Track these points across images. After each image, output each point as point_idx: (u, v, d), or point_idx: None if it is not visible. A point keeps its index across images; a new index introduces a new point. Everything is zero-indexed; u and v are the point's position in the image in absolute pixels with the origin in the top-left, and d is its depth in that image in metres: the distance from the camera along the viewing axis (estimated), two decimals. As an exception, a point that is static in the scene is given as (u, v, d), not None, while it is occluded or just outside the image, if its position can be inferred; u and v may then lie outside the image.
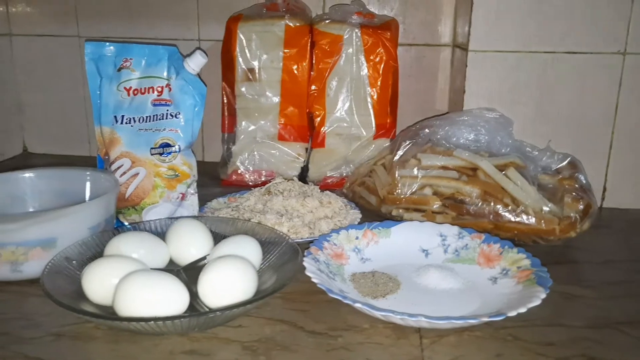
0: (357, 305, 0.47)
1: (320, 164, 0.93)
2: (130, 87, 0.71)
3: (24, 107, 1.10)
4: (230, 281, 0.49)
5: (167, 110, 0.70)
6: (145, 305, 0.46)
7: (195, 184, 0.73)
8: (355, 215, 0.74)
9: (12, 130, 1.10)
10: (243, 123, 0.93)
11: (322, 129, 0.92)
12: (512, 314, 0.46)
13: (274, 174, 0.92)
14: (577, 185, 0.71)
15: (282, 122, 0.93)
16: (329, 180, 0.92)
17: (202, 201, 0.78)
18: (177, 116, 0.70)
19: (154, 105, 0.71)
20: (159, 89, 0.71)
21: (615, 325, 0.51)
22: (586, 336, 0.50)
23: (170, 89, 0.71)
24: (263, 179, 0.92)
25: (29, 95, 1.09)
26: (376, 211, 0.79)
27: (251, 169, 0.93)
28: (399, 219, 0.75)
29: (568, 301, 0.56)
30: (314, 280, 0.52)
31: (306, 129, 0.93)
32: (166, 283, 0.47)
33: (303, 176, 0.94)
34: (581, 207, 0.69)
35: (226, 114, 0.94)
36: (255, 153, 0.93)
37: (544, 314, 0.52)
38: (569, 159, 0.74)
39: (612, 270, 0.64)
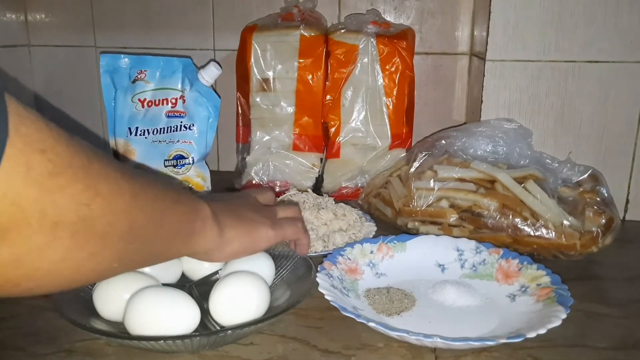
0: (371, 324, 0.46)
1: (335, 175, 0.92)
2: (145, 99, 0.71)
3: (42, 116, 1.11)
4: (241, 299, 0.48)
5: (181, 122, 0.70)
6: (156, 322, 0.45)
7: (209, 196, 0.73)
8: (370, 227, 0.73)
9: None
10: (257, 133, 0.92)
11: (337, 139, 0.91)
12: (532, 335, 0.45)
13: (288, 185, 0.91)
14: (598, 199, 0.69)
15: (297, 132, 0.92)
16: (344, 191, 0.91)
17: None
18: (191, 128, 0.70)
19: (168, 117, 0.70)
20: (173, 101, 0.71)
21: (641, 347, 0.50)
22: (611, 358, 0.48)
23: (184, 101, 0.71)
24: (277, 190, 0.91)
25: (47, 105, 1.10)
26: (392, 223, 0.77)
27: (265, 179, 0.92)
28: (415, 232, 0.74)
29: (591, 320, 0.54)
30: (327, 297, 0.51)
31: (321, 139, 0.93)
32: (177, 300, 0.47)
33: (318, 187, 0.93)
34: (603, 221, 0.67)
35: (241, 124, 0.94)
36: (270, 163, 0.92)
37: (566, 334, 0.50)
38: (590, 171, 0.72)
39: (638, 287, 0.62)
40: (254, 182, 0.92)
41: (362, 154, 0.91)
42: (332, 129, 0.91)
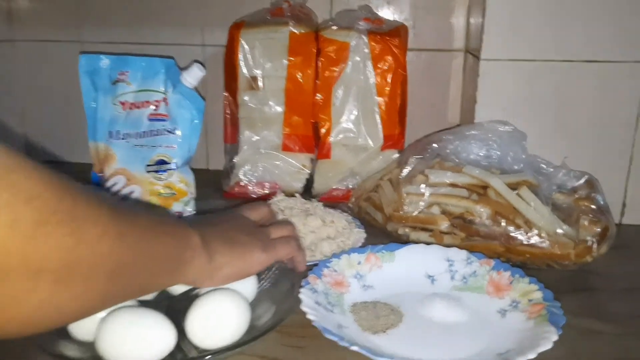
0: (354, 348, 0.44)
1: (326, 176, 0.90)
2: (126, 101, 0.68)
3: (26, 114, 1.08)
4: (219, 319, 0.47)
5: (164, 125, 0.68)
6: (129, 345, 0.43)
7: (193, 202, 0.71)
8: (360, 234, 0.71)
9: (15, 138, 1.08)
10: (246, 133, 0.90)
11: (327, 139, 0.89)
12: (521, 360, 0.43)
13: (277, 186, 0.89)
14: (594, 206, 0.67)
15: (287, 132, 0.89)
16: (334, 193, 0.89)
17: (203, 214, 0.75)
18: (174, 132, 0.68)
19: (150, 120, 0.68)
20: (156, 104, 0.68)
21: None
22: (603, 381, 0.46)
23: (167, 104, 0.68)
24: (266, 191, 0.89)
25: (31, 102, 1.07)
26: (382, 229, 0.75)
27: (254, 180, 0.90)
28: (405, 239, 0.72)
29: (585, 338, 0.52)
30: (309, 317, 0.49)
31: (311, 139, 0.90)
32: (152, 322, 0.45)
33: (308, 188, 0.91)
34: (598, 230, 0.65)
35: (229, 123, 0.91)
36: (259, 164, 0.90)
37: (559, 355, 0.48)
38: (586, 177, 0.70)
39: (635, 300, 0.60)
40: (242, 183, 0.90)
41: (354, 154, 0.89)
42: (323, 129, 0.89)
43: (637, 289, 0.62)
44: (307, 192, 0.91)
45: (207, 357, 0.43)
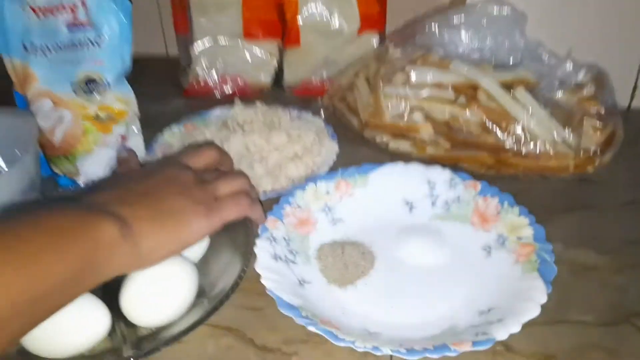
0: (311, 329, 0.39)
1: (297, 66, 0.79)
2: (38, 6, 0.56)
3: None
4: (157, 292, 0.41)
5: (86, 35, 0.56)
6: (53, 335, 0.38)
7: (137, 121, 0.61)
8: (331, 148, 0.62)
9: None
10: (200, 21, 0.77)
11: (295, 23, 0.76)
12: (503, 337, 0.37)
13: (241, 80, 0.79)
14: (600, 108, 0.57)
15: (247, 17, 0.76)
16: (308, 85, 0.78)
17: (160, 120, 0.68)
18: (99, 43, 0.56)
19: (70, 29, 0.56)
20: (72, 8, 0.56)
21: (633, 319, 0.42)
22: (597, 340, 0.41)
23: (85, 7, 0.55)
24: (230, 88, 0.79)
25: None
26: (359, 134, 0.67)
27: (215, 75, 0.79)
28: (384, 147, 0.64)
29: (577, 279, 0.46)
30: (264, 282, 0.43)
31: (277, 23, 0.77)
32: (79, 304, 0.39)
33: (279, 80, 0.80)
34: (603, 138, 0.56)
35: (178, 10, 0.78)
36: (219, 56, 0.78)
37: (545, 304, 0.42)
38: (594, 71, 0.60)
39: (636, 217, 0.53)
40: (200, 79, 0.79)
41: (327, 40, 0.77)
42: (288, 11, 0.75)
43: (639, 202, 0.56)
44: (277, 85, 0.80)
45: (160, 344, 0.38)
